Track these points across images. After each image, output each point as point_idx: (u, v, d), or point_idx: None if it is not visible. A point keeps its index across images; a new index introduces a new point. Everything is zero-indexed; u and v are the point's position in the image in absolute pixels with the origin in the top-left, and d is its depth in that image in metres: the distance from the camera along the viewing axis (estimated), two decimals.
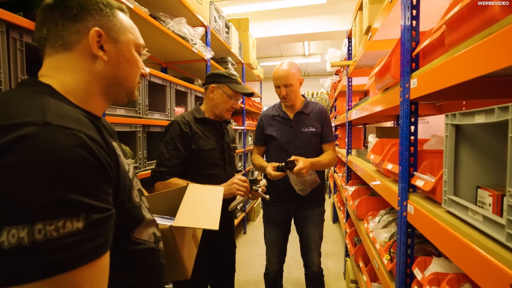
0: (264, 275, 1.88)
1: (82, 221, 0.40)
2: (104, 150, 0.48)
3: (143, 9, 1.52)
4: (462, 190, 0.72)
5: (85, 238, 0.41)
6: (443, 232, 0.68)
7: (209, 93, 1.46)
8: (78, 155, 0.43)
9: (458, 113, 0.67)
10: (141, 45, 0.67)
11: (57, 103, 0.49)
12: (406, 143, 0.97)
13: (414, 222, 0.90)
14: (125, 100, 0.66)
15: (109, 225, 0.46)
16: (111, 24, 0.60)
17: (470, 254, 0.57)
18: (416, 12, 0.94)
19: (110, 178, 0.49)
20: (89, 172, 0.43)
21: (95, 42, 0.57)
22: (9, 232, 0.36)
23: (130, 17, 0.67)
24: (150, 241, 0.62)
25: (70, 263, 0.39)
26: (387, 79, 1.17)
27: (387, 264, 1.18)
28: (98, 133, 0.51)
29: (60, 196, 0.39)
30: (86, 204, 0.42)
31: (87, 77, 0.58)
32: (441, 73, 0.70)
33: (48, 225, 0.37)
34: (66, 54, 0.56)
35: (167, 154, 1.33)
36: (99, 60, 0.58)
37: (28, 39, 0.91)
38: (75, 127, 0.45)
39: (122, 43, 0.61)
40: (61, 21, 0.55)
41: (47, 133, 0.41)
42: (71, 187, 0.40)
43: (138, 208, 0.61)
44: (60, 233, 0.38)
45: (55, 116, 0.44)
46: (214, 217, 0.83)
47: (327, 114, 1.78)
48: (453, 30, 0.67)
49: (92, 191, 0.43)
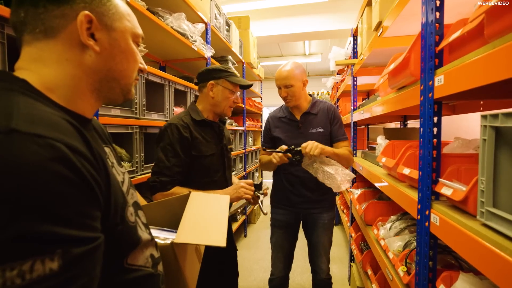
0: (269, 281, 1.80)
1: (57, 260, 0.31)
2: (90, 163, 0.39)
3: (140, 3, 1.43)
4: (501, 201, 0.63)
5: (61, 282, 0.31)
6: (481, 248, 0.60)
7: (208, 91, 1.34)
8: (54, 171, 0.33)
9: (501, 114, 0.58)
10: (139, 35, 0.58)
11: (30, 103, 0.40)
12: (429, 146, 0.88)
13: (439, 234, 0.81)
14: (120, 98, 0.57)
15: (95, 258, 0.37)
16: (104, 9, 0.50)
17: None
18: (440, 2, 0.86)
19: (98, 198, 0.39)
20: (69, 193, 0.34)
21: (85, 28, 0.47)
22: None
23: None
24: (147, 266, 0.53)
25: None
26: (403, 76, 1.08)
27: (404, 276, 1.09)
28: (83, 141, 0.41)
29: (27, 229, 0.30)
30: (64, 236, 0.33)
31: (74, 71, 0.48)
32: (478, 68, 0.61)
33: (8, 271, 0.28)
34: (49, 42, 0.47)
35: (167, 161, 1.20)
36: (89, 51, 0.49)
37: (10, 31, 0.82)
38: (51, 135, 0.35)
39: (117, 31, 0.52)
40: (42, 2, 0.46)
41: (12, 143, 0.32)
42: (43, 216, 0.31)
43: (134, 228, 0.51)
44: (26, 280, 0.29)
45: (25, 120, 0.35)
46: (220, 231, 0.74)
47: (336, 111, 1.69)
48: (496, 19, 0.59)
49: (73, 218, 0.34)
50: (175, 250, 0.66)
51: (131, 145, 1.43)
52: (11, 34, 0.82)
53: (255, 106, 4.59)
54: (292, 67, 1.58)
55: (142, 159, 1.51)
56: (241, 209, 3.06)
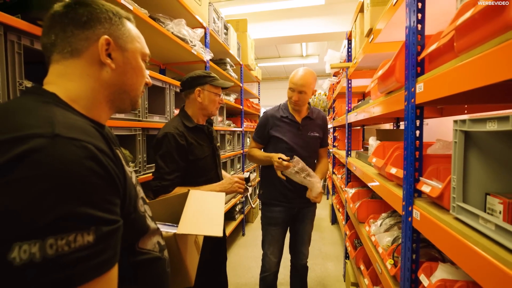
0: (262, 278, 1.87)
1: (92, 234, 0.39)
2: (112, 160, 0.47)
3: (142, 11, 1.50)
4: (471, 197, 0.71)
5: (95, 251, 0.40)
6: (452, 239, 0.67)
7: (195, 97, 1.45)
8: (88, 167, 0.42)
9: (468, 120, 0.66)
10: (146, 54, 0.67)
11: (64, 113, 0.48)
12: (412, 147, 0.96)
13: (420, 228, 0.89)
14: (129, 108, 0.66)
15: (118, 237, 0.45)
16: (120, 33, 0.60)
17: (482, 263, 0.56)
18: (421, 15, 0.94)
19: (118, 189, 0.47)
20: (98, 184, 0.42)
21: (104, 49, 0.57)
22: (20, 248, 0.35)
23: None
24: (155, 250, 0.61)
25: (81, 278, 0.38)
26: (390, 82, 1.16)
27: (391, 268, 1.17)
28: (105, 143, 0.49)
29: (71, 210, 0.38)
30: (96, 217, 0.41)
31: (93, 84, 0.57)
32: (450, 78, 0.69)
33: (59, 240, 0.36)
34: (74, 60, 0.55)
35: (167, 168, 1.32)
36: (106, 68, 0.58)
37: (26, 41, 0.89)
38: (84, 138, 0.44)
39: (129, 52, 0.62)
40: (70, 28, 0.55)
41: (56, 145, 0.40)
42: (81, 200, 0.39)
43: (143, 218, 0.59)
44: (71, 248, 0.37)
45: (64, 127, 0.43)
46: (217, 223, 0.81)
47: (327, 121, 1.91)
48: (464, 36, 0.66)
49: (102, 204, 0.42)
50: (178, 241, 0.73)
51: (134, 146, 1.49)
52: (27, 45, 0.89)
53: (253, 107, 4.66)
54: (311, 77, 1.69)
55: (145, 159, 1.58)
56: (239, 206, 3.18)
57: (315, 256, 3.09)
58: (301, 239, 1.87)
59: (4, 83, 0.82)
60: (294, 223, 1.88)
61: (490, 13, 0.55)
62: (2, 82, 0.81)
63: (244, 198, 1.72)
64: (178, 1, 1.86)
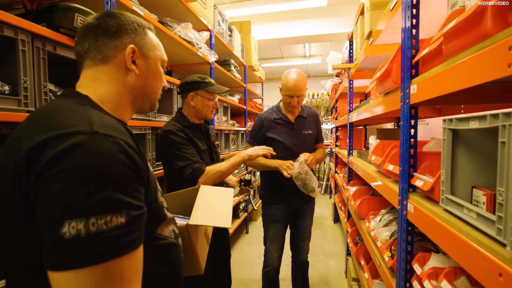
0: (265, 273, 1.93)
1: (124, 217, 0.46)
2: (138, 154, 0.54)
3: (152, 16, 1.57)
4: (459, 190, 0.77)
5: (126, 231, 0.46)
6: (440, 228, 0.74)
7: (189, 101, 1.54)
8: (120, 160, 0.48)
9: (454, 119, 0.72)
10: (165, 61, 0.74)
11: (98, 113, 0.55)
12: (407, 145, 1.02)
13: (413, 220, 0.95)
14: (148, 109, 0.73)
15: (143, 221, 0.52)
16: (143, 42, 0.67)
17: (465, 248, 0.62)
18: (416, 21, 1.00)
19: (143, 179, 0.54)
20: (129, 174, 0.49)
21: (130, 57, 0.64)
22: (69, 225, 0.42)
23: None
24: (171, 237, 0.68)
25: (116, 252, 0.45)
26: (388, 84, 1.22)
27: (388, 260, 1.23)
28: (132, 139, 0.56)
29: (108, 195, 0.45)
30: (127, 202, 0.47)
31: (120, 88, 0.64)
32: (439, 80, 0.75)
33: (99, 219, 0.43)
34: (104, 66, 0.63)
35: (186, 154, 1.40)
36: (131, 73, 0.65)
37: (49, 47, 0.97)
38: (116, 135, 0.51)
39: (151, 59, 0.69)
40: (101, 38, 0.62)
41: (95, 141, 0.47)
42: (116, 188, 0.46)
43: (162, 207, 0.67)
44: (108, 226, 0.44)
45: (100, 125, 0.50)
46: (226, 215, 0.88)
47: (319, 117, 1.99)
48: (450, 42, 0.72)
49: (131, 191, 0.49)
50: (190, 231, 0.80)
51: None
52: (51, 51, 0.97)
53: (256, 107, 4.73)
54: (304, 78, 1.75)
55: (154, 157, 1.66)
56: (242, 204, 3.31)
57: (317, 253, 3.15)
58: (301, 235, 1.94)
59: (32, 86, 0.90)
60: (294, 220, 1.94)
61: (471, 23, 0.62)
62: (30, 86, 0.89)
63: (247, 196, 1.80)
64: (184, 5, 1.93)
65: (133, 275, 0.48)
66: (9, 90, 0.87)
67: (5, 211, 0.51)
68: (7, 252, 0.53)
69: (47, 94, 0.96)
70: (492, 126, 0.56)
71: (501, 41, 0.50)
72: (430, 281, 0.85)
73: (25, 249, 0.50)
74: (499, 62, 0.50)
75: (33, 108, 0.91)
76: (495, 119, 0.55)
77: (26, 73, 0.88)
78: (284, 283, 2.45)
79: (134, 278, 0.48)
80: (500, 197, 0.53)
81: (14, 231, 0.50)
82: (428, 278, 0.86)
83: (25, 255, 0.50)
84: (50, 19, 0.96)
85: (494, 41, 0.52)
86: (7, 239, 0.52)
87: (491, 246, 0.54)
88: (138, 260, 0.50)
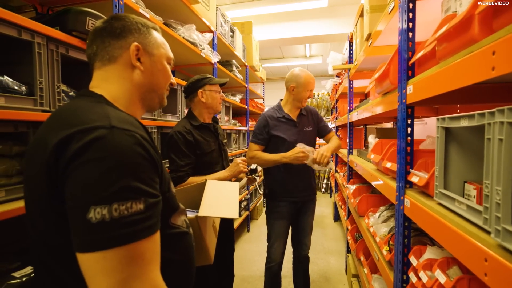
0: (268, 269, 1.97)
1: (142, 203, 0.51)
2: (152, 147, 0.59)
3: (157, 18, 1.62)
4: (452, 185, 0.82)
5: (145, 217, 0.51)
6: (433, 220, 0.78)
7: (199, 99, 1.63)
8: (137, 151, 0.53)
9: (447, 117, 0.77)
10: (171, 58, 0.78)
11: (114, 110, 0.60)
12: (404, 143, 1.07)
13: (410, 214, 1.00)
14: (157, 105, 0.77)
15: (159, 208, 0.56)
16: (147, 41, 0.71)
17: (455, 238, 0.66)
18: (412, 24, 1.04)
19: (158, 170, 0.59)
20: (145, 165, 0.54)
21: (134, 55, 0.68)
22: (95, 210, 0.47)
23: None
24: (184, 226, 0.73)
25: (137, 235, 0.50)
26: (386, 84, 1.27)
27: (386, 255, 1.28)
28: (146, 133, 0.61)
29: (128, 183, 0.50)
30: (144, 191, 0.52)
31: (128, 85, 0.68)
32: (433, 82, 0.80)
33: (121, 205, 0.48)
34: (112, 66, 0.67)
35: (180, 161, 1.50)
36: (137, 70, 0.69)
37: (62, 50, 1.02)
38: (132, 129, 0.55)
39: (155, 56, 0.73)
40: (108, 39, 0.67)
41: (114, 134, 0.52)
42: (134, 177, 0.51)
43: (174, 198, 0.71)
44: (129, 212, 0.49)
45: (117, 120, 0.55)
46: (233, 207, 0.93)
47: (317, 112, 2.09)
48: (442, 45, 0.77)
49: (148, 180, 0.54)
50: (199, 223, 0.85)
51: None
52: (63, 53, 1.02)
53: (257, 107, 4.77)
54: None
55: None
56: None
57: (317, 251, 3.19)
58: (304, 230, 2.00)
59: (47, 87, 0.94)
60: (297, 216, 1.99)
61: (460, 29, 0.66)
62: (45, 86, 0.94)
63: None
64: (188, 8, 1.98)
65: (152, 257, 0.52)
66: (26, 90, 0.92)
67: (36, 200, 0.56)
68: (36, 234, 0.58)
69: (60, 94, 1.01)
70: (479, 124, 0.61)
71: (486, 46, 0.54)
72: (425, 271, 0.89)
73: (51, 232, 0.55)
74: (484, 66, 0.54)
75: (48, 108, 0.96)
76: (482, 118, 0.60)
77: (42, 74, 0.93)
78: (285, 280, 2.49)
79: (153, 259, 0.53)
80: (486, 189, 0.58)
81: (42, 216, 0.55)
82: (423, 269, 0.90)
83: (51, 237, 0.55)
84: (63, 22, 1.01)
85: (480, 46, 0.56)
86: (37, 223, 0.57)
87: (478, 234, 0.59)
88: (156, 244, 0.54)
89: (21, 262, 0.96)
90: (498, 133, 0.54)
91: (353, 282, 2.22)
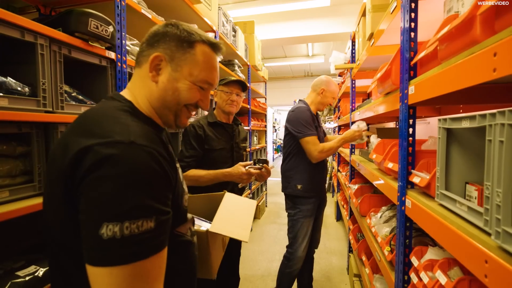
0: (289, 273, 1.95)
1: (153, 222, 0.51)
2: (168, 163, 0.58)
3: (159, 18, 1.63)
4: (453, 186, 0.81)
5: (155, 235, 0.51)
6: (434, 221, 0.78)
7: (214, 98, 1.72)
8: (153, 168, 0.53)
9: (448, 118, 0.77)
10: (205, 81, 0.69)
11: (136, 122, 0.60)
12: (405, 143, 1.07)
13: (411, 215, 0.99)
14: (173, 125, 0.71)
15: (169, 225, 0.57)
16: (178, 54, 0.66)
17: (456, 239, 0.66)
18: (414, 24, 1.04)
19: (171, 187, 0.59)
20: (160, 182, 0.54)
21: (153, 64, 0.65)
22: (107, 227, 0.47)
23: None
24: (188, 234, 0.74)
25: (145, 253, 0.50)
26: (388, 84, 1.26)
27: (388, 255, 1.28)
28: (163, 147, 0.60)
29: (141, 202, 0.50)
30: (157, 208, 0.52)
31: (147, 93, 0.67)
32: (434, 82, 0.80)
33: (132, 224, 0.48)
34: (137, 70, 0.69)
35: (186, 152, 1.58)
36: (153, 82, 0.67)
37: (65, 51, 1.02)
38: (150, 145, 0.55)
39: (179, 73, 0.66)
40: (144, 45, 0.68)
41: (132, 150, 0.52)
42: (148, 194, 0.51)
43: (185, 212, 0.72)
44: (140, 230, 0.49)
45: (137, 135, 0.55)
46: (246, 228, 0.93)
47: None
48: (444, 46, 0.77)
49: (161, 198, 0.54)
50: (208, 237, 0.85)
51: None
52: (66, 54, 1.02)
53: (260, 106, 4.77)
54: None
55: None
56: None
57: (320, 250, 3.19)
58: (318, 226, 2.08)
59: (49, 87, 0.95)
60: (317, 212, 2.04)
61: (462, 30, 0.66)
62: (48, 87, 0.95)
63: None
64: (190, 7, 1.99)
65: (158, 273, 0.53)
66: (29, 91, 0.93)
67: (54, 204, 0.57)
68: (51, 234, 0.59)
69: (63, 95, 1.02)
70: (480, 125, 0.61)
71: (487, 47, 0.54)
72: (426, 272, 0.89)
73: (66, 234, 0.56)
74: (486, 67, 0.54)
75: (50, 109, 0.97)
76: (483, 119, 0.60)
77: (45, 75, 0.94)
78: None
79: (159, 276, 0.53)
80: (487, 191, 0.57)
81: (58, 219, 0.56)
82: (424, 270, 0.90)
83: (67, 239, 0.56)
84: (66, 24, 1.02)
85: (482, 48, 0.56)
86: (53, 223, 0.58)
87: (479, 236, 0.58)
88: (162, 260, 0.55)
89: (25, 261, 0.97)
90: (499, 135, 0.54)
91: (355, 282, 2.22)
